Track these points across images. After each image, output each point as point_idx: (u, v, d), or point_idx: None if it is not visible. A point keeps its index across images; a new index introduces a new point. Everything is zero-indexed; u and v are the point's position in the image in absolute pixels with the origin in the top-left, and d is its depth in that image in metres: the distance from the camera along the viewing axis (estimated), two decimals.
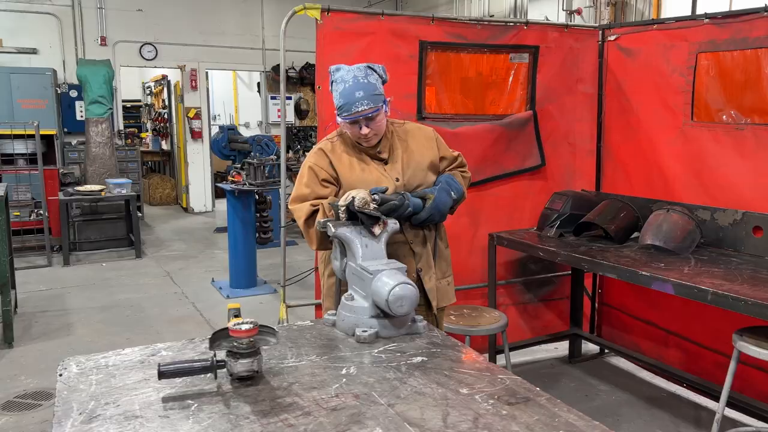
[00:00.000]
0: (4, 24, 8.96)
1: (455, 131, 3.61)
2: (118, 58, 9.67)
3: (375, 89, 2.16)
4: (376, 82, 2.18)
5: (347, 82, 2.15)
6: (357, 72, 2.18)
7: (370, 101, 2.13)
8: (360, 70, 2.18)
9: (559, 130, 3.95)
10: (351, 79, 2.16)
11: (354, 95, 2.13)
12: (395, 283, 1.81)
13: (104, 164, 7.72)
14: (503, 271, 3.94)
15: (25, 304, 5.29)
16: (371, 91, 2.15)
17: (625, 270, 2.81)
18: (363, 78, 2.16)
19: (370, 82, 2.16)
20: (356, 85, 2.14)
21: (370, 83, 2.16)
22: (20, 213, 7.30)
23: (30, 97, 8.49)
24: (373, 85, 2.17)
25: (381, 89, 2.20)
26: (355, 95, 2.13)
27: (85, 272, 6.51)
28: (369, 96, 2.13)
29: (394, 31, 3.41)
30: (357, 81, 2.15)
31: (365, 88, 2.14)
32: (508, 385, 1.55)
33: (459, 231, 3.74)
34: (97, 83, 7.56)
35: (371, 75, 2.19)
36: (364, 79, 2.16)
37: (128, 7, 9.65)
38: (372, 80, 2.17)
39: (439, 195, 2.32)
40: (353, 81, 2.15)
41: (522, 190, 3.91)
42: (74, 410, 1.42)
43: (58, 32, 9.33)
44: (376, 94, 2.16)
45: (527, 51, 3.77)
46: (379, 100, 2.16)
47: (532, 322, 4.10)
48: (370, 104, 2.13)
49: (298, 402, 1.46)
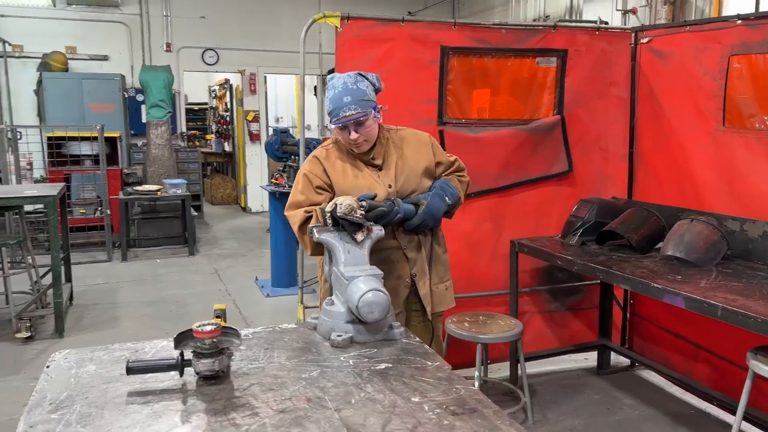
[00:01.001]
0: (78, 33, 9.55)
1: (477, 136, 3.59)
2: (181, 64, 10.12)
3: (364, 95, 2.20)
4: (366, 89, 2.22)
5: (337, 88, 2.21)
6: (347, 78, 2.23)
7: (357, 106, 2.17)
8: (350, 77, 2.23)
9: (589, 134, 3.85)
10: (341, 85, 2.21)
11: (342, 100, 2.18)
12: (367, 290, 1.84)
13: (163, 165, 8.09)
14: (528, 278, 3.88)
15: (81, 297, 5.63)
16: (359, 96, 2.19)
17: (637, 281, 2.72)
18: (352, 84, 2.21)
19: (359, 88, 2.20)
20: (345, 91, 2.19)
21: (359, 89, 2.20)
22: (85, 210, 7.77)
23: (100, 101, 9.00)
24: (363, 91, 2.20)
25: (371, 96, 2.23)
26: (343, 100, 2.18)
27: (140, 268, 6.85)
28: (357, 101, 2.18)
29: (415, 37, 3.42)
30: (346, 87, 2.20)
31: (353, 94, 2.18)
32: (461, 395, 1.56)
33: (481, 237, 3.73)
34: (157, 88, 7.94)
35: (361, 82, 2.23)
36: (353, 85, 2.20)
37: (192, 14, 10.07)
38: (361, 86, 2.21)
39: (433, 201, 2.33)
40: (342, 87, 2.20)
41: (549, 196, 3.83)
42: (47, 400, 1.53)
43: (127, 39, 9.85)
44: (364, 99, 2.19)
45: (555, 55, 3.70)
46: (367, 105, 2.20)
47: (558, 331, 4.01)
48: (358, 109, 2.17)
49: (251, 402, 1.51)
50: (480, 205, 3.69)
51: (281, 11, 10.24)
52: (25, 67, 9.39)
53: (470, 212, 3.68)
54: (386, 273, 2.37)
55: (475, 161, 3.57)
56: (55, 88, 8.82)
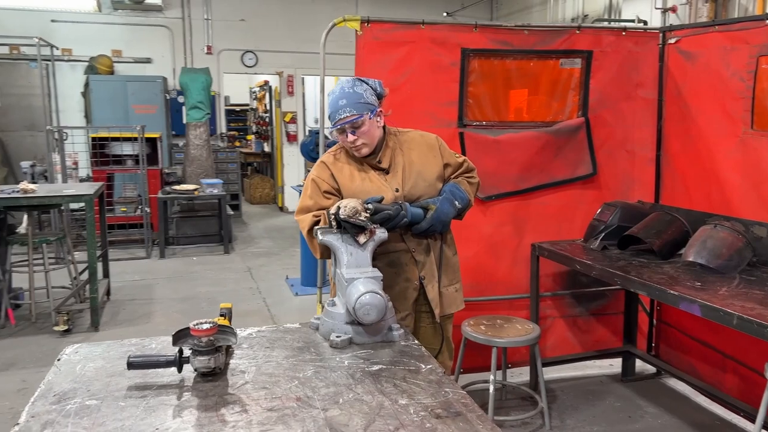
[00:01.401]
0: (124, 36, 9.87)
1: (497, 138, 3.57)
2: (222, 66, 10.35)
3: (360, 98, 2.23)
4: (363, 92, 2.25)
5: (335, 92, 2.26)
6: (345, 83, 2.27)
7: (352, 108, 2.21)
8: (348, 81, 2.28)
9: (615, 137, 3.78)
10: (338, 89, 2.26)
11: (337, 103, 2.23)
12: (364, 292, 1.86)
13: (201, 165, 8.29)
14: (551, 282, 3.83)
15: (118, 293, 5.83)
16: (355, 99, 2.22)
17: (654, 288, 2.67)
18: (349, 88, 2.25)
19: (356, 92, 2.24)
20: (341, 94, 2.23)
21: (355, 92, 2.24)
22: (126, 209, 8.03)
23: (143, 103, 9.30)
24: (359, 94, 2.24)
25: (369, 99, 2.26)
26: (338, 103, 2.23)
27: (177, 265, 7.05)
28: (352, 104, 2.21)
29: (435, 40, 3.43)
30: (343, 90, 2.24)
31: (348, 97, 2.22)
32: (449, 398, 1.56)
33: (502, 240, 3.71)
34: (196, 90, 8.15)
35: (359, 86, 2.26)
36: (350, 89, 2.24)
37: (232, 17, 10.29)
38: (358, 90, 2.25)
39: (442, 205, 2.34)
40: (339, 91, 2.25)
41: (573, 200, 3.78)
42: (52, 392, 1.61)
43: (170, 42, 10.13)
44: (360, 102, 2.22)
45: (579, 56, 3.65)
46: (363, 108, 2.23)
47: (582, 336, 3.95)
48: (353, 111, 2.21)
49: (242, 399, 1.56)
50: (501, 207, 3.67)
51: (319, 13, 10.34)
52: (73, 70, 9.76)
53: (490, 215, 3.67)
54: (395, 276, 2.41)
55: (495, 164, 3.59)
56: (100, 90, 9.16)
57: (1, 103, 9.46)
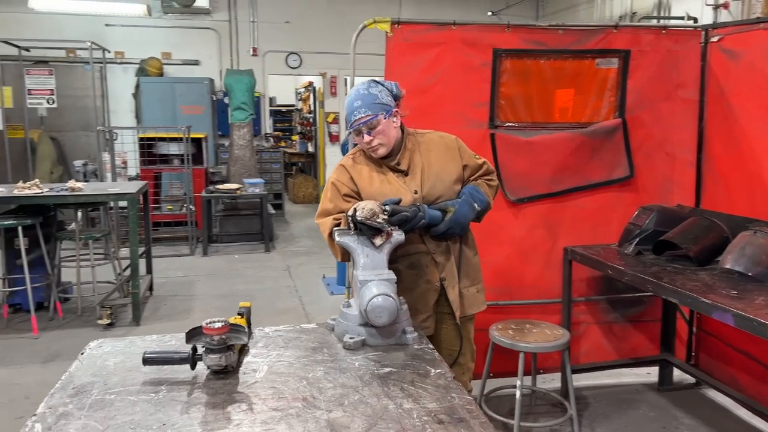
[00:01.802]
0: (173, 39, 10.15)
1: (530, 140, 3.52)
2: (267, 67, 10.53)
3: (375, 99, 2.24)
4: (378, 93, 2.26)
5: (350, 95, 2.29)
6: (360, 86, 2.29)
7: (367, 109, 2.22)
8: (363, 84, 2.30)
9: (653, 138, 3.66)
10: (353, 92, 2.28)
11: (353, 105, 2.25)
12: (376, 294, 1.86)
13: (244, 165, 8.45)
14: (585, 287, 3.75)
15: (161, 289, 6.00)
16: (370, 100, 2.24)
17: (687, 295, 2.57)
18: (364, 90, 2.27)
19: (371, 93, 2.25)
20: (356, 96, 2.26)
21: (370, 94, 2.25)
22: (173, 207, 8.26)
23: (190, 104, 9.54)
24: (374, 95, 2.25)
25: (384, 99, 2.27)
26: (353, 105, 2.25)
27: (219, 263, 7.20)
28: (367, 104, 2.23)
29: (466, 40, 3.40)
30: (357, 93, 2.27)
31: (363, 98, 2.24)
32: (454, 404, 1.55)
33: (534, 243, 3.65)
34: (240, 91, 8.31)
35: (374, 87, 2.27)
36: (365, 91, 2.26)
37: (277, 19, 10.45)
38: (373, 91, 2.26)
39: (461, 208, 2.32)
40: (354, 93, 2.27)
41: (609, 203, 3.68)
42: (71, 385, 1.67)
43: (217, 45, 10.36)
44: (375, 103, 2.23)
45: (616, 55, 3.55)
46: (378, 108, 2.23)
47: (617, 343, 3.85)
48: (368, 112, 2.22)
49: (250, 398, 1.59)
50: (533, 210, 3.61)
51: (362, 14, 10.32)
52: (125, 72, 10.10)
53: (522, 217, 3.62)
54: (416, 278, 2.40)
55: (527, 165, 3.54)
56: (150, 91, 9.45)
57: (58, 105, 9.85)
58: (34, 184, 4.72)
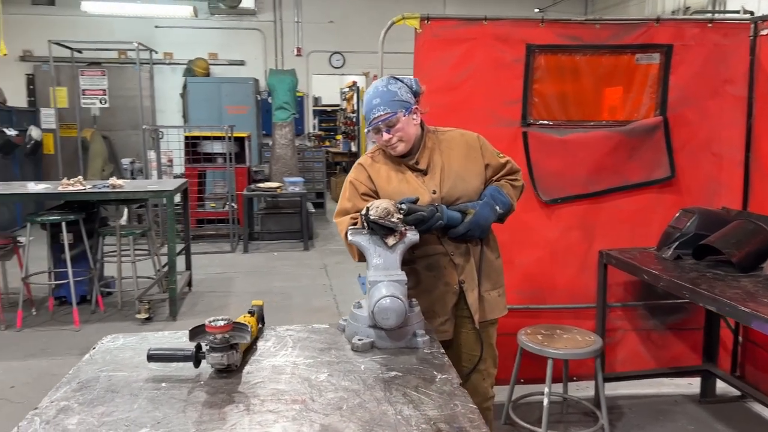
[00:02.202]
0: (220, 40, 10.35)
1: (564, 138, 3.40)
2: (310, 67, 10.62)
3: (394, 96, 2.18)
4: (397, 90, 2.20)
5: (369, 92, 2.23)
6: (379, 83, 2.24)
7: (386, 107, 2.16)
8: (382, 81, 2.24)
9: (697, 137, 3.48)
10: (372, 89, 2.23)
11: (372, 102, 2.19)
12: (384, 295, 1.81)
13: (286, 164, 8.53)
14: (622, 292, 3.60)
15: (200, 285, 6.10)
16: (389, 97, 2.18)
17: (725, 303, 2.42)
18: (383, 87, 2.21)
19: (390, 90, 2.19)
20: (375, 94, 2.20)
21: (389, 91, 2.19)
22: (216, 205, 8.40)
23: (235, 104, 9.71)
24: (393, 92, 2.19)
25: (404, 96, 2.21)
26: (372, 102, 2.19)
27: (258, 260, 7.28)
28: (386, 102, 2.17)
29: (498, 36, 3.30)
30: (376, 90, 2.21)
31: (382, 95, 2.18)
32: (456, 412, 1.48)
33: (568, 245, 3.53)
34: (282, 91, 8.39)
35: (393, 84, 2.21)
36: (384, 88, 2.20)
37: (321, 19, 10.52)
38: (392, 88, 2.20)
39: (481, 210, 2.24)
40: (373, 90, 2.22)
41: (648, 204, 3.52)
42: (77, 379, 1.68)
43: (262, 45, 10.51)
44: (394, 100, 2.17)
45: (658, 50, 3.39)
46: (397, 106, 2.17)
47: (657, 351, 3.68)
48: (387, 110, 2.16)
49: (248, 399, 1.56)
50: (567, 211, 3.49)
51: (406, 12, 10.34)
52: (174, 72, 10.36)
53: (556, 219, 3.50)
54: (434, 279, 2.34)
55: (561, 165, 3.42)
56: (196, 91, 9.66)
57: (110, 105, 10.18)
58: (77, 181, 4.86)
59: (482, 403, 2.47)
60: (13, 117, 9.22)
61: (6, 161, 8.87)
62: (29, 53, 10.02)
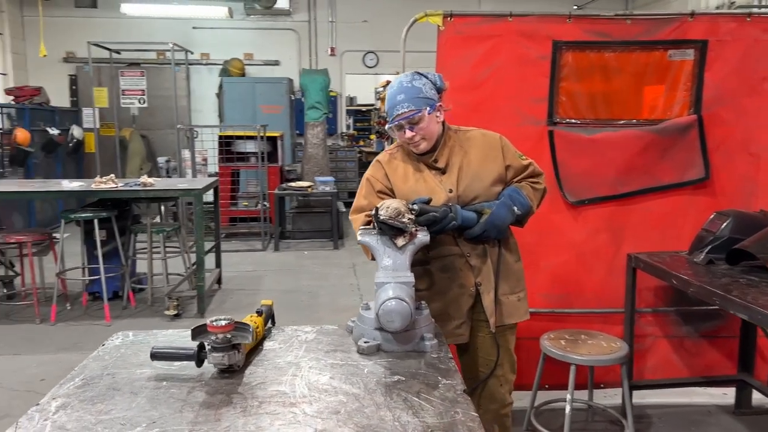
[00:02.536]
0: (255, 41, 10.46)
1: (592, 138, 3.29)
2: (344, 66, 10.63)
3: (419, 93, 2.13)
4: (422, 87, 2.14)
5: (393, 87, 2.18)
6: (403, 78, 2.18)
7: (410, 104, 2.11)
8: (406, 75, 2.18)
9: (734, 137, 3.33)
10: (396, 84, 2.17)
11: (395, 99, 2.14)
12: (390, 297, 1.77)
13: (317, 163, 8.56)
14: (653, 297, 3.47)
15: (230, 282, 6.16)
16: (413, 94, 2.12)
17: (757, 312, 2.30)
18: (407, 83, 2.15)
19: (414, 86, 2.13)
20: (398, 90, 2.14)
21: (413, 87, 2.13)
22: (248, 203, 8.48)
23: (269, 103, 9.79)
24: (417, 89, 2.13)
25: (428, 93, 2.15)
26: (396, 98, 2.14)
27: (288, 258, 7.32)
28: (409, 99, 2.11)
29: (523, 32, 3.23)
30: (401, 86, 2.15)
31: (406, 92, 2.13)
32: (455, 420, 1.43)
33: (595, 248, 3.42)
34: (314, 90, 8.42)
35: (418, 80, 2.16)
36: (408, 84, 2.14)
37: (355, 19, 10.52)
38: (417, 84, 2.14)
39: (498, 210, 2.18)
40: (397, 86, 2.16)
41: (680, 206, 3.39)
42: (81, 376, 1.69)
43: (296, 45, 10.58)
44: (418, 97, 2.12)
45: (692, 46, 3.26)
46: (421, 103, 2.12)
47: (689, 359, 3.53)
48: (410, 107, 2.11)
49: (247, 400, 1.53)
50: (595, 213, 3.38)
51: None
52: (210, 73, 10.51)
53: (583, 221, 3.40)
54: (448, 281, 2.29)
55: (589, 165, 3.32)
56: (232, 91, 9.77)
57: (149, 104, 10.40)
58: (109, 179, 4.96)
59: (500, 410, 2.42)
60: (56, 117, 9.49)
61: (49, 160, 9.15)
62: (72, 55, 10.30)
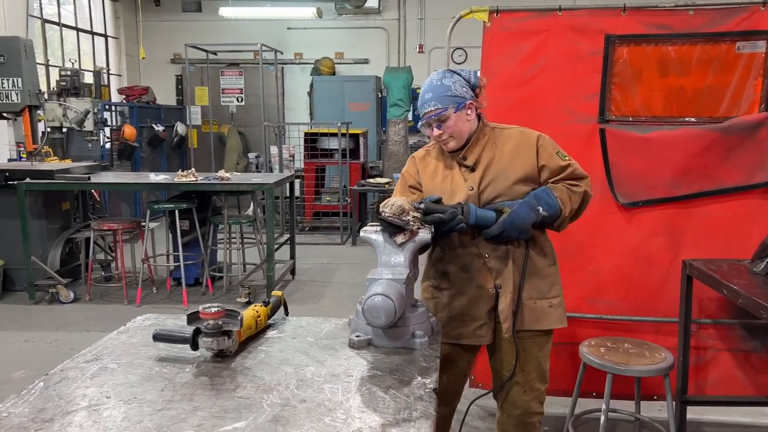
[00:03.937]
0: (346, 40, 10.70)
1: (646, 136, 3.12)
2: (432, 64, 10.62)
3: (447, 91, 2.12)
4: (451, 85, 2.13)
5: (424, 85, 2.20)
6: (434, 75, 2.19)
7: (437, 102, 2.12)
8: (438, 73, 2.19)
9: None
10: (427, 82, 2.19)
11: (424, 97, 2.16)
12: (375, 293, 1.80)
13: (398, 160, 8.64)
14: (714, 307, 3.24)
15: (303, 274, 6.38)
16: (441, 92, 2.12)
17: None
18: (437, 81, 2.15)
19: (444, 84, 2.13)
20: (428, 88, 2.16)
21: (443, 85, 2.13)
22: (330, 198, 8.72)
23: (357, 101, 9.99)
24: (447, 87, 2.13)
25: (458, 91, 2.13)
26: (424, 97, 2.15)
27: (363, 253, 7.45)
28: (437, 97, 2.12)
29: (573, 27, 3.11)
30: (431, 83, 2.16)
31: (435, 90, 2.13)
32: (411, 417, 1.43)
33: (651, 252, 3.25)
34: (397, 88, 8.50)
35: (448, 78, 2.15)
36: (438, 82, 2.15)
37: (444, 15, 10.45)
38: (446, 83, 2.13)
39: (518, 209, 2.11)
40: (428, 83, 2.18)
41: (747, 212, 3.13)
42: (91, 352, 1.85)
43: (385, 43, 10.71)
44: (447, 95, 2.11)
45: (764, 38, 3.00)
46: (449, 101, 2.11)
47: (756, 376, 3.26)
48: (437, 105, 2.11)
49: (225, 384, 1.62)
50: (651, 216, 3.20)
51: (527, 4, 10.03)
52: (303, 72, 10.88)
53: (637, 224, 3.23)
54: (466, 281, 2.27)
55: (643, 165, 3.17)
56: (322, 89, 10.07)
57: (246, 102, 10.94)
58: (190, 173, 5.30)
59: (524, 417, 2.36)
60: (162, 114, 10.22)
61: (154, 154, 9.88)
62: (178, 56, 11.04)
